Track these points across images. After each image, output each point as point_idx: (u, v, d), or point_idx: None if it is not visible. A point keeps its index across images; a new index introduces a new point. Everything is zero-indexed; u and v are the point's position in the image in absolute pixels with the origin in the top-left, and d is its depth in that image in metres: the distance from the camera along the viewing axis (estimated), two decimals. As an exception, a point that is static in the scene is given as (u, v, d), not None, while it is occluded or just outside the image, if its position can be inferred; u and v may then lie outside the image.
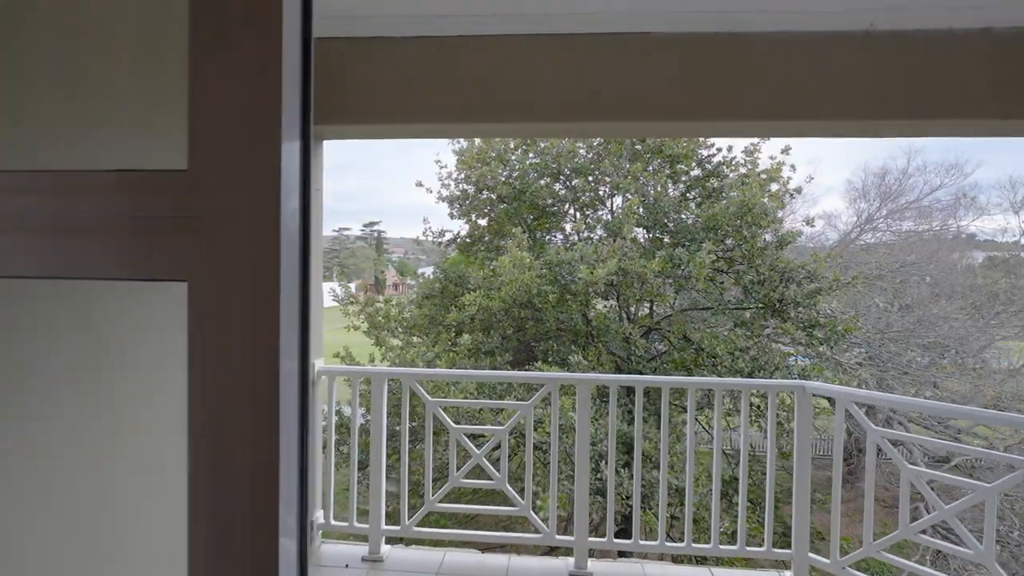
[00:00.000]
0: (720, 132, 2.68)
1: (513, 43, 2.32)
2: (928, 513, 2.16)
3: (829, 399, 2.42)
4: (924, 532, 2.09)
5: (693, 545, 2.67)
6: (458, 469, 2.85)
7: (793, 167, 7.33)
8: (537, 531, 2.76)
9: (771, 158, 7.49)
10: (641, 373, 8.45)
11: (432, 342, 7.22)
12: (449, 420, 2.85)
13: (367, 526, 2.77)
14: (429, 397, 2.82)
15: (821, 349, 7.90)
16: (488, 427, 2.99)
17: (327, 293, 8.01)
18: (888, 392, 11.05)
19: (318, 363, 2.78)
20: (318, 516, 2.83)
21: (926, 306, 11.55)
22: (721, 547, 2.64)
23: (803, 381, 2.43)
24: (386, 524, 2.79)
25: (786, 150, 7.39)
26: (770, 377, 7.46)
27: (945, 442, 2.30)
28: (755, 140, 7.66)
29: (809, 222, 7.51)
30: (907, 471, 2.15)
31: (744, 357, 7.32)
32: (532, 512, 2.77)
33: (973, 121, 2.11)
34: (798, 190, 7.57)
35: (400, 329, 7.94)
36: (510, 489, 2.82)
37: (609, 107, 2.28)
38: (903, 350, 11.38)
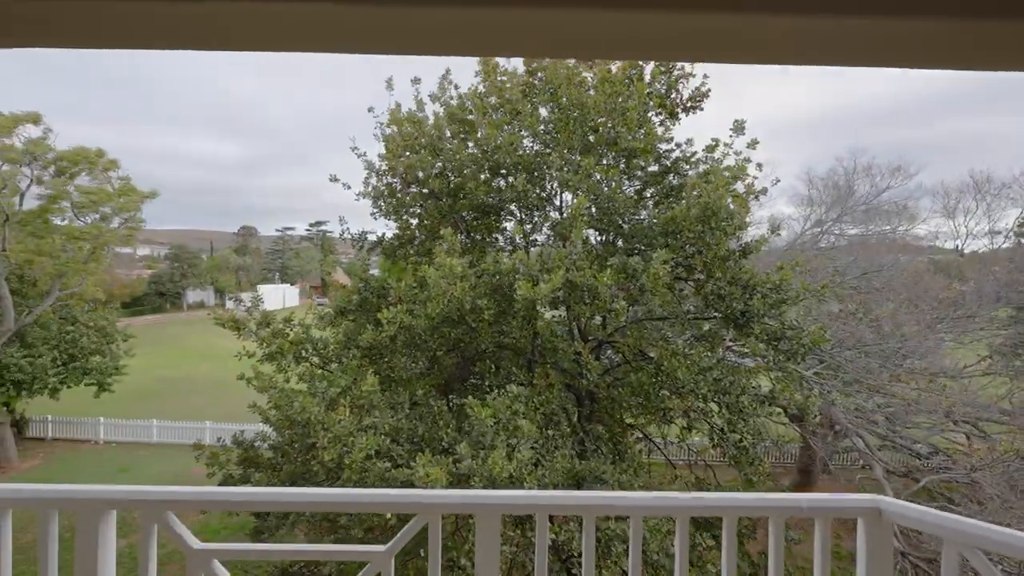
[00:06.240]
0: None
1: None
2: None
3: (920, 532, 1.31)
4: None
5: None
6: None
7: (760, 165, 6.51)
8: None
9: (737, 153, 6.66)
10: (595, 393, 7.39)
11: (342, 369, 5.88)
12: None
13: None
14: (195, 543, 1.56)
15: (788, 364, 7.16)
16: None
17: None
18: (844, 400, 10.62)
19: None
20: None
21: (880, 312, 11.28)
22: None
23: (878, 497, 1.40)
24: None
25: (752, 144, 6.57)
26: (737, 400, 6.62)
27: None
28: (719, 137, 6.81)
29: (775, 229, 6.70)
30: None
31: (706, 379, 6.40)
32: None
33: None
34: (764, 191, 6.78)
35: (311, 353, 6.52)
36: None
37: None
38: (858, 357, 11.02)
